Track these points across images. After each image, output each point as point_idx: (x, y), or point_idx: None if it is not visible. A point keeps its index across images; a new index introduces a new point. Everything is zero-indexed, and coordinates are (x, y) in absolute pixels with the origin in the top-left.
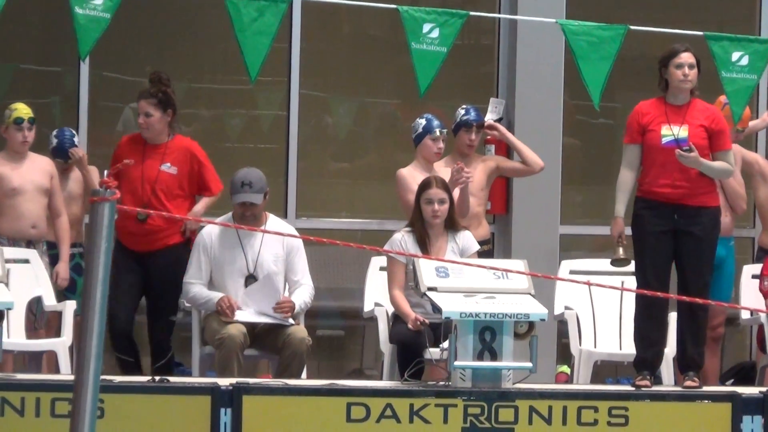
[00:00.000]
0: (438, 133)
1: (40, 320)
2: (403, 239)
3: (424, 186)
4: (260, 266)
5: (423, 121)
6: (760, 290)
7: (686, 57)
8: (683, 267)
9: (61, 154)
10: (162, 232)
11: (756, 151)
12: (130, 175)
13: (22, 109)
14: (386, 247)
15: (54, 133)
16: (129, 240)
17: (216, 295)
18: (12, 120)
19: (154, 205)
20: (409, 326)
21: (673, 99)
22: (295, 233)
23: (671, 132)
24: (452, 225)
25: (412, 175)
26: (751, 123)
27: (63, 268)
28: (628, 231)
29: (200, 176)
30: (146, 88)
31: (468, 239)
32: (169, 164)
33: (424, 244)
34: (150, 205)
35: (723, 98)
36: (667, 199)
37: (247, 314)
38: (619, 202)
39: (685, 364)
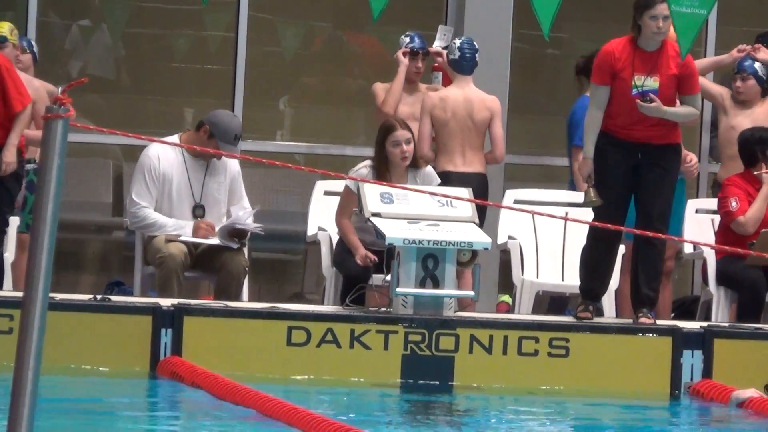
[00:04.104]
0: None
1: None
2: (368, 175)
3: (389, 129)
4: (206, 195)
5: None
6: (724, 209)
7: (662, 9)
8: (644, 199)
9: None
10: None
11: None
12: None
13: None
14: (349, 181)
15: None
16: None
17: (186, 224)
18: None
19: None
20: (358, 261)
21: (644, 45)
22: (239, 156)
23: (641, 83)
24: (414, 163)
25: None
26: (700, 62)
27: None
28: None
29: (3, 91)
30: None
31: (429, 176)
32: None
33: (384, 182)
34: None
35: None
36: (634, 139)
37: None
38: (589, 142)
39: (639, 300)
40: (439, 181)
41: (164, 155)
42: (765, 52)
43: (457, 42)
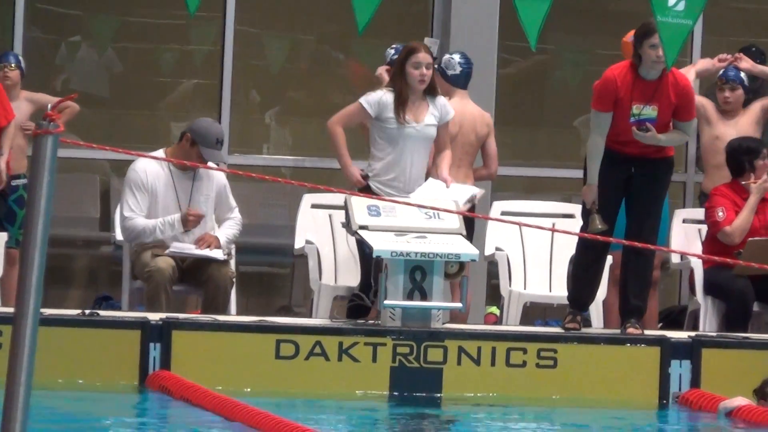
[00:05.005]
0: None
1: None
2: (383, 98)
3: (412, 51)
4: (193, 207)
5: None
6: (710, 219)
7: None
8: (635, 210)
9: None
10: None
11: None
12: None
13: None
14: (364, 99)
15: None
16: None
17: (174, 218)
18: None
19: None
20: (354, 182)
21: (645, 74)
22: (227, 170)
23: (639, 112)
24: (431, 90)
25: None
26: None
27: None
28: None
29: None
30: None
31: (445, 106)
32: None
33: (404, 106)
34: None
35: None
36: (628, 153)
37: (180, 246)
38: (593, 169)
39: (628, 310)
40: (453, 113)
41: (151, 169)
42: (747, 61)
43: (456, 57)
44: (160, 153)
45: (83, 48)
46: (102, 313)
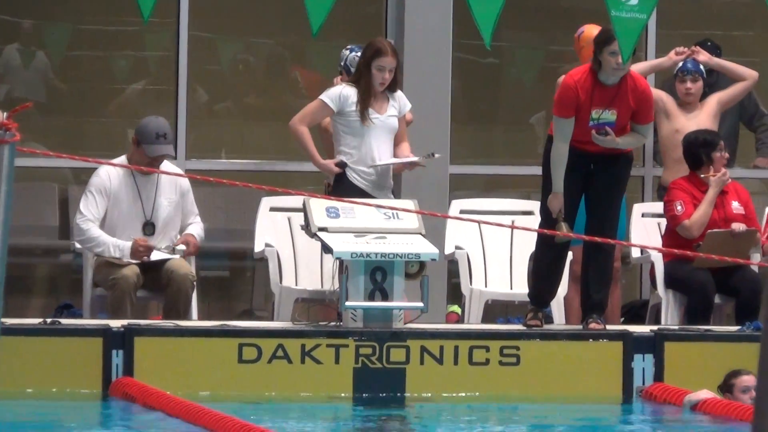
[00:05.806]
0: None
1: None
2: (343, 92)
3: (379, 52)
4: (156, 212)
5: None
6: (669, 212)
7: None
8: (595, 205)
9: None
10: None
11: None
12: None
13: None
14: (325, 95)
15: None
16: None
17: (126, 244)
18: None
19: None
20: (332, 170)
21: (605, 79)
22: (184, 175)
23: (598, 116)
24: (391, 87)
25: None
26: (640, 66)
27: None
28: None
29: None
30: None
31: (403, 99)
32: None
33: (367, 102)
34: None
35: (581, 29)
36: (588, 151)
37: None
38: (558, 177)
39: (589, 305)
40: (410, 105)
41: (114, 175)
42: (704, 54)
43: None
44: (122, 159)
45: (37, 56)
46: (63, 321)
